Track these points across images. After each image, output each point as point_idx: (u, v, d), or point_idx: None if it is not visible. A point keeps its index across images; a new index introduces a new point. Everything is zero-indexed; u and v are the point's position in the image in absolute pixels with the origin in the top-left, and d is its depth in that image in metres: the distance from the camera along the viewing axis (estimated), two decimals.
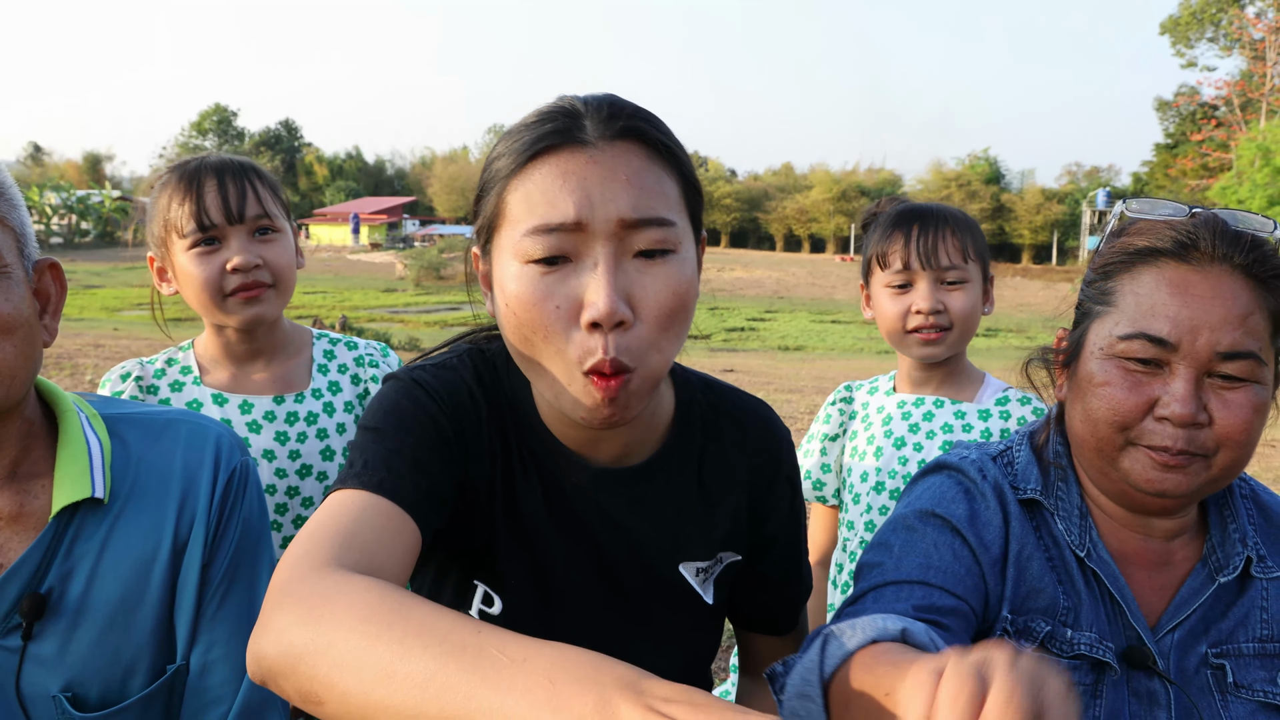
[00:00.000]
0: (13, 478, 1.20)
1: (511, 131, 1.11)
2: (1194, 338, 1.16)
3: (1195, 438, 1.16)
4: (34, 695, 1.16)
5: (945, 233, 2.04)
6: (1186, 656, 1.24)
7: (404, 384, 1.18)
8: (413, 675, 0.73)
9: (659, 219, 1.05)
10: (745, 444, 1.31)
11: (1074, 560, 1.27)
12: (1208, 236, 1.19)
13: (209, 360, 1.97)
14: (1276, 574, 1.28)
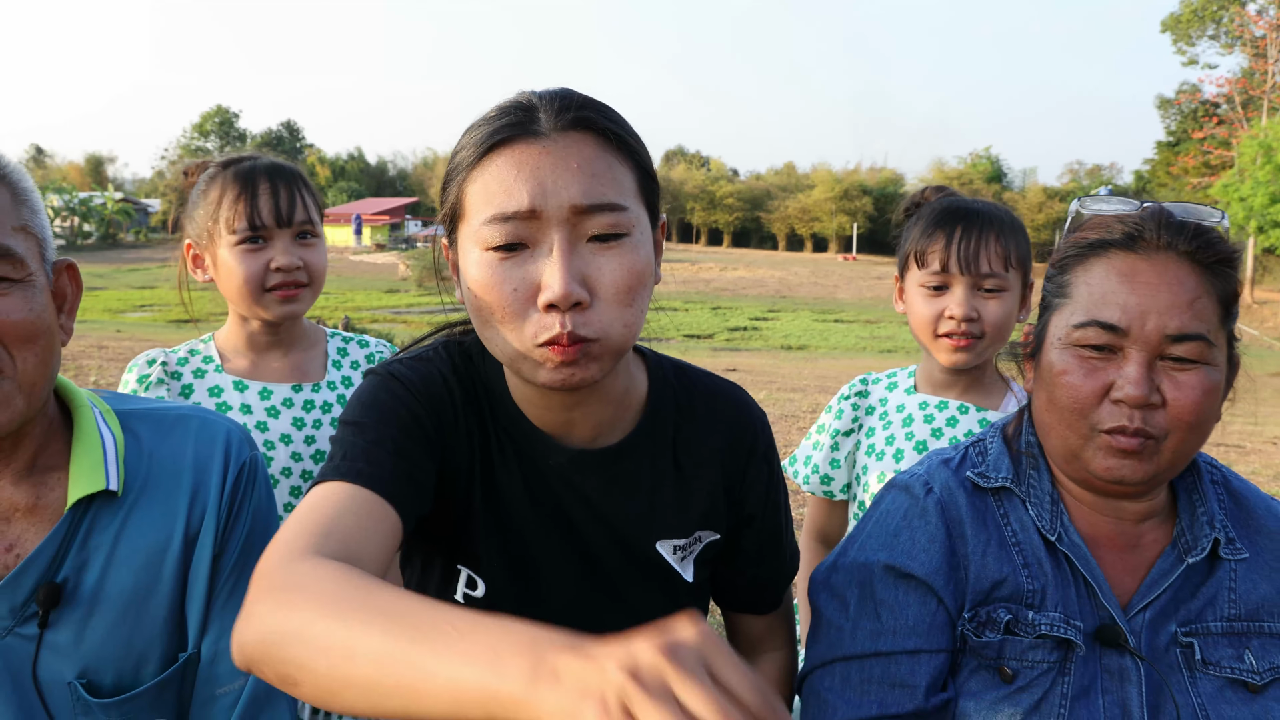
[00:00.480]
0: (30, 471, 1.22)
1: (472, 126, 1.17)
2: (1143, 322, 1.22)
3: (1150, 418, 1.21)
4: (50, 682, 1.18)
5: (989, 237, 1.97)
6: (1157, 635, 1.29)
7: (381, 378, 1.22)
8: (372, 652, 0.79)
9: (610, 204, 1.10)
10: (719, 423, 1.35)
11: (1042, 544, 1.32)
12: (1153, 226, 1.26)
13: (230, 350, 2.07)
14: (1244, 555, 1.33)
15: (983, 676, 1.29)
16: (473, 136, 1.15)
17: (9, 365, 1.12)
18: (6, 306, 1.12)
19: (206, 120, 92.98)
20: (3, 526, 1.20)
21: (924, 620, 1.30)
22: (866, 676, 1.30)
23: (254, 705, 1.27)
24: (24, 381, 1.14)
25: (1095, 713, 1.26)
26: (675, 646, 0.68)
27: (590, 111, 1.14)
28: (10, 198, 1.17)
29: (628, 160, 1.16)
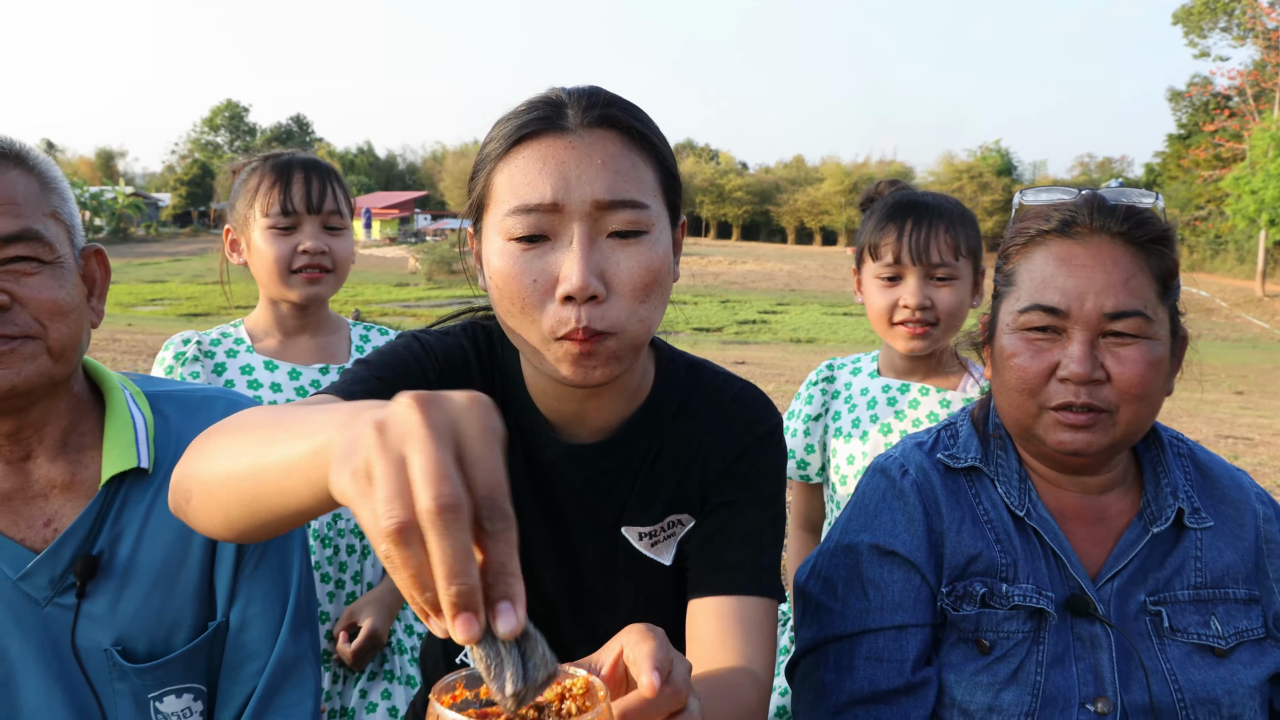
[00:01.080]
0: (64, 449, 1.30)
1: (501, 119, 1.20)
2: (1082, 303, 1.30)
3: (1096, 393, 1.29)
4: (88, 649, 1.26)
5: (938, 229, 2.06)
6: (1126, 603, 1.36)
7: (406, 338, 1.30)
8: (251, 444, 0.86)
9: (631, 201, 1.13)
10: (717, 424, 1.33)
11: (1012, 520, 1.40)
12: (1086, 212, 1.34)
13: (260, 331, 2.22)
14: (1210, 524, 1.40)
15: (962, 650, 1.37)
16: (501, 129, 1.18)
17: (39, 330, 1.21)
18: (37, 285, 1.21)
19: (216, 115, 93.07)
20: (41, 502, 1.28)
21: (909, 596, 1.37)
22: (856, 654, 1.37)
23: (280, 670, 1.34)
24: (53, 345, 1.22)
25: (1069, 679, 1.33)
26: (432, 406, 0.68)
27: (617, 109, 1.17)
28: (39, 186, 1.25)
29: (651, 159, 1.18)
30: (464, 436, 0.67)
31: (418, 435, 0.65)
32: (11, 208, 1.20)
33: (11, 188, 1.21)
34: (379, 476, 0.65)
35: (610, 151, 1.14)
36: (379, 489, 0.64)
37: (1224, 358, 20.02)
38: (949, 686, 1.36)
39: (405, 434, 0.66)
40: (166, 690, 1.29)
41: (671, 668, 0.83)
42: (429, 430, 0.65)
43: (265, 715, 1.32)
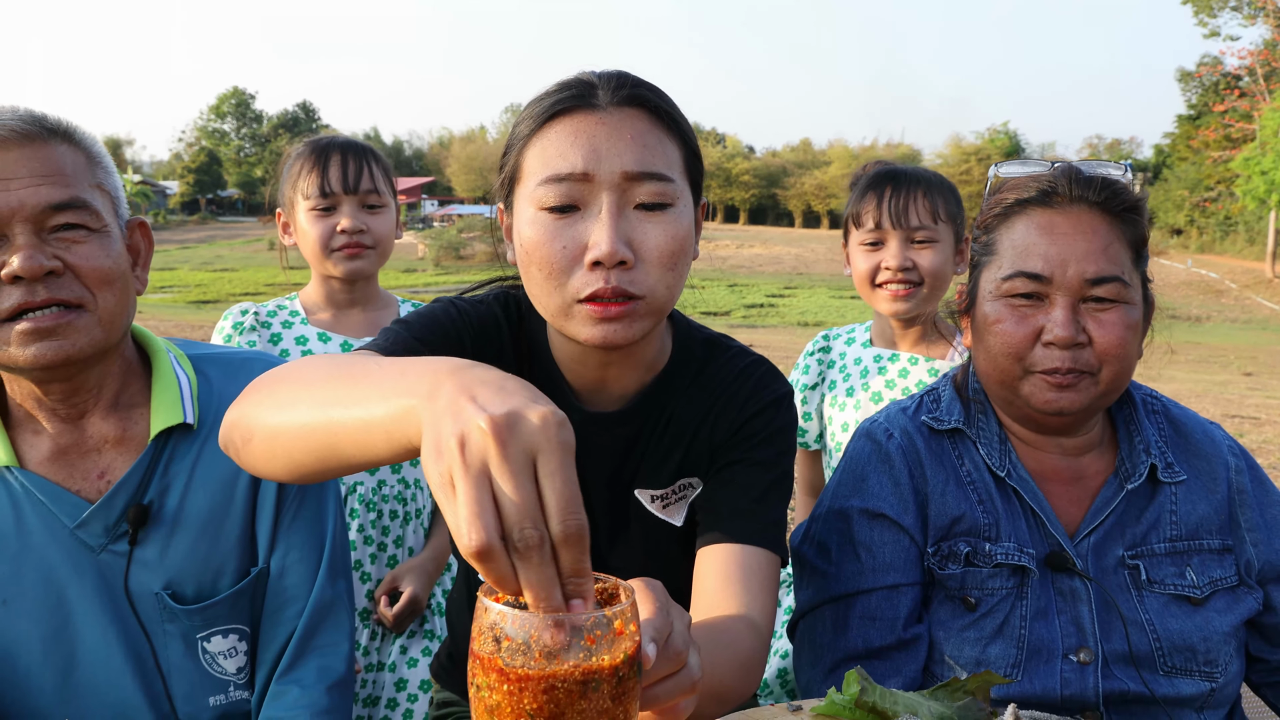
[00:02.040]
0: (115, 407, 1.39)
1: (534, 99, 1.27)
2: (1064, 269, 1.36)
3: (1079, 356, 1.36)
4: (140, 593, 1.36)
5: (916, 194, 2.16)
6: (1103, 558, 1.43)
7: (444, 303, 1.37)
8: (323, 398, 0.91)
9: (658, 174, 1.20)
10: (725, 394, 1.39)
11: (993, 481, 1.46)
12: (1065, 183, 1.40)
13: (313, 305, 2.33)
14: (1183, 478, 1.46)
15: (949, 607, 1.44)
16: (533, 108, 1.25)
17: (90, 302, 1.30)
18: (86, 253, 1.30)
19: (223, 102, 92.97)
20: (94, 456, 1.37)
21: (899, 557, 1.44)
22: (851, 614, 1.44)
23: (318, 613, 1.44)
24: (103, 316, 1.31)
25: (1052, 631, 1.39)
26: (509, 433, 0.71)
27: (644, 90, 1.24)
28: (86, 159, 1.34)
29: (676, 138, 1.25)
30: (540, 463, 0.72)
31: (497, 466, 0.70)
32: (60, 178, 1.28)
33: (60, 160, 1.29)
34: (461, 496, 0.70)
35: (638, 128, 1.21)
36: (460, 508, 0.70)
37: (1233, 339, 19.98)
38: (938, 642, 1.43)
39: (484, 458, 0.71)
40: (213, 631, 1.39)
41: (671, 629, 0.88)
42: (507, 463, 0.70)
43: (304, 654, 1.42)
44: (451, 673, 1.69)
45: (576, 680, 0.72)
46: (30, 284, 1.25)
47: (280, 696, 1.39)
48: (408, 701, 2.21)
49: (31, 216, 1.26)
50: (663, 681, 0.86)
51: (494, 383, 0.77)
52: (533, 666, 0.72)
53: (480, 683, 0.74)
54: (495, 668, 0.73)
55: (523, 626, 0.72)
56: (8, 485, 1.34)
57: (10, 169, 1.25)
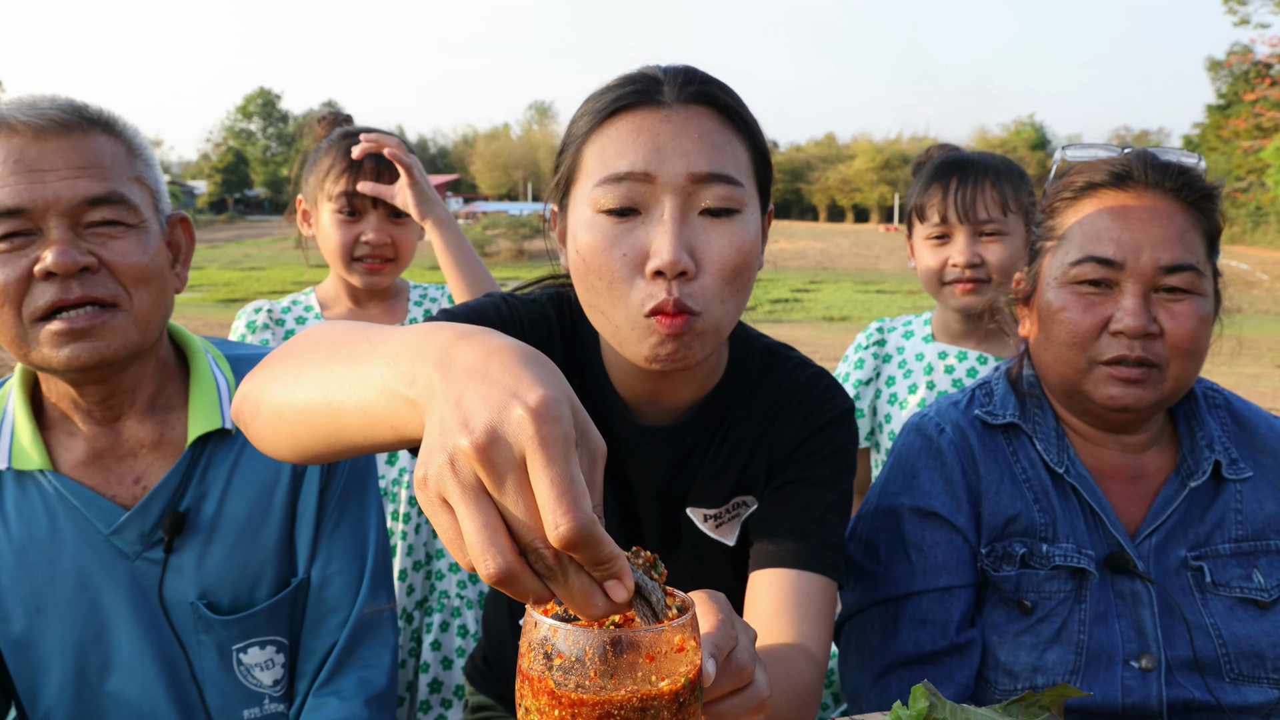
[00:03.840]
0: (152, 410, 1.37)
1: (593, 94, 1.19)
2: (1137, 256, 1.30)
3: (1150, 347, 1.29)
4: (174, 601, 1.33)
5: (984, 185, 2.05)
6: (1165, 559, 1.37)
7: (495, 299, 1.30)
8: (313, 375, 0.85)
9: (726, 176, 1.11)
10: (783, 410, 1.32)
11: (1050, 478, 1.40)
12: (1140, 167, 1.34)
13: (329, 300, 2.31)
14: (1248, 475, 1.40)
15: (1004, 610, 1.38)
16: (593, 105, 1.17)
17: (125, 300, 1.27)
18: (122, 249, 1.26)
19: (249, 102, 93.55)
20: (130, 461, 1.35)
21: (951, 557, 1.39)
22: (901, 617, 1.39)
23: (360, 626, 1.40)
24: (139, 316, 1.28)
25: (1113, 636, 1.34)
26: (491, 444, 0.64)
27: (713, 87, 1.15)
28: (126, 151, 1.30)
29: (745, 138, 1.17)
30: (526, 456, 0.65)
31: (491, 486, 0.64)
32: (98, 171, 1.25)
33: (99, 151, 1.26)
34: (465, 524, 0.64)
35: (706, 127, 1.12)
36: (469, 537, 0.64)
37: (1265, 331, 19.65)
38: (992, 648, 1.37)
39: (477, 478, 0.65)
40: (250, 642, 1.36)
41: (735, 644, 0.82)
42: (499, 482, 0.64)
43: (345, 667, 1.39)
44: (488, 676, 1.65)
45: (634, 707, 0.67)
46: (64, 280, 1.22)
47: (319, 709, 1.37)
48: (441, 707, 2.18)
49: (67, 210, 1.23)
50: (728, 698, 0.81)
51: (479, 370, 0.68)
52: (587, 690, 0.66)
53: (529, 705, 0.69)
54: (546, 690, 0.67)
55: (576, 642, 0.67)
56: (42, 489, 1.32)
57: (47, 160, 1.22)
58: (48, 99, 1.28)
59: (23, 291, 1.22)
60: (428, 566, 2.24)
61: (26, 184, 1.21)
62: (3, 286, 1.21)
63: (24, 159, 1.21)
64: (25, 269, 1.21)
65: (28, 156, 1.21)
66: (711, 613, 0.81)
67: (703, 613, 0.82)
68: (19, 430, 1.32)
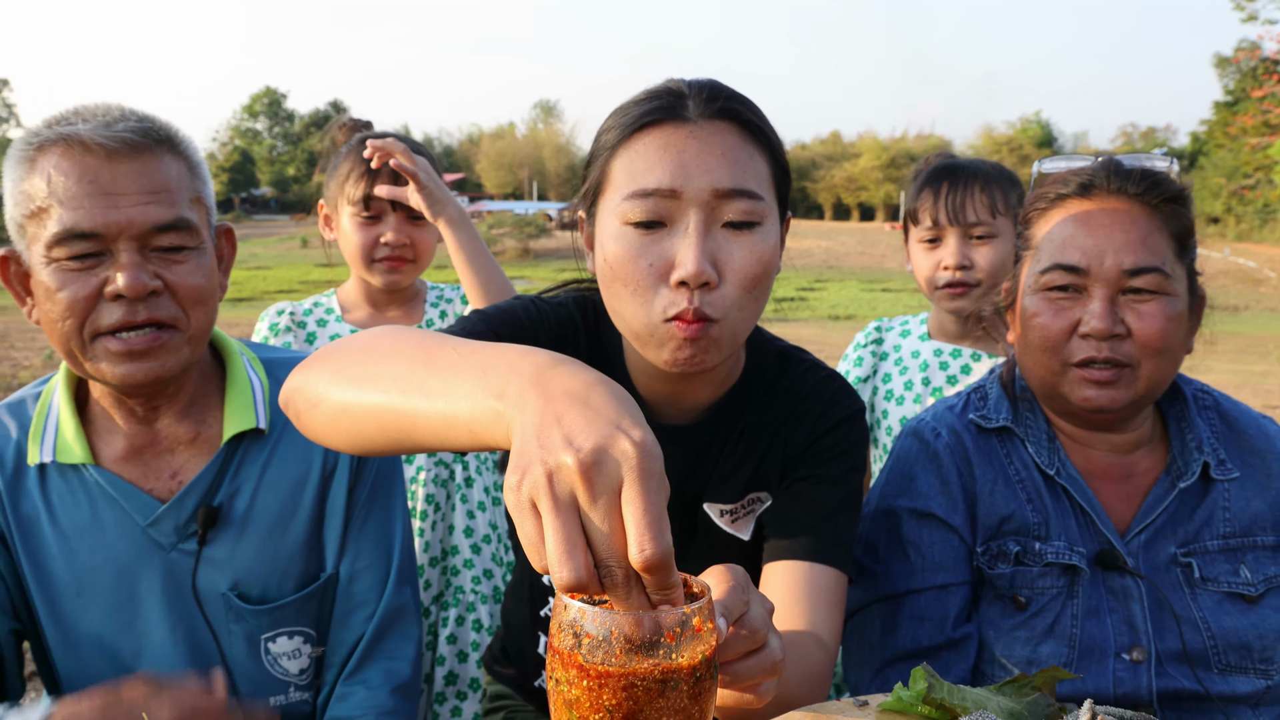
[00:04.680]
0: (190, 408, 1.43)
1: (621, 108, 1.24)
2: (1101, 261, 1.36)
3: (1118, 348, 1.35)
4: (207, 592, 1.39)
5: (974, 189, 2.12)
6: (1155, 556, 1.42)
7: (525, 300, 1.36)
8: (391, 377, 0.91)
9: (748, 191, 1.17)
10: (797, 410, 1.37)
11: (1042, 479, 1.46)
12: (1103, 175, 1.40)
13: (350, 302, 2.35)
14: (1236, 475, 1.45)
15: (999, 606, 1.44)
16: (620, 118, 1.22)
17: (184, 322, 1.33)
18: (185, 272, 1.32)
19: (255, 101, 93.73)
20: (168, 457, 1.41)
21: (948, 556, 1.44)
22: (900, 614, 1.44)
23: (386, 619, 1.46)
24: (194, 335, 1.34)
25: (1104, 630, 1.39)
26: (595, 465, 0.71)
27: (736, 103, 1.20)
28: (187, 170, 1.35)
29: (766, 153, 1.22)
30: (624, 482, 0.72)
31: (585, 503, 0.72)
32: (167, 195, 1.30)
33: (166, 175, 1.31)
34: (550, 532, 0.71)
35: (729, 143, 1.17)
36: (551, 545, 0.71)
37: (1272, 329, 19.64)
38: (988, 643, 1.43)
39: (573, 493, 0.72)
40: (279, 632, 1.42)
41: (748, 609, 0.87)
42: (595, 501, 0.71)
43: (371, 659, 1.45)
44: (505, 666, 1.71)
45: (656, 679, 0.74)
46: (131, 303, 1.27)
47: (346, 697, 1.43)
48: (456, 699, 2.24)
49: (138, 235, 1.28)
50: (743, 660, 0.87)
51: (580, 396, 0.76)
52: (613, 663, 0.73)
53: (559, 677, 0.76)
54: (575, 663, 0.74)
55: (603, 624, 0.74)
56: (84, 481, 1.38)
57: (120, 184, 1.26)
58: (116, 111, 1.32)
59: (89, 309, 1.27)
60: (444, 563, 2.29)
61: (101, 208, 1.25)
62: (70, 303, 1.26)
63: (98, 181, 1.25)
64: (95, 288, 1.27)
65: (102, 179, 1.25)
66: (724, 580, 0.87)
67: (716, 580, 0.88)
68: (63, 426, 1.38)
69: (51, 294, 1.27)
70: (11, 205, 1.29)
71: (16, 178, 1.28)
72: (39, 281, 1.28)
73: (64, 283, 1.26)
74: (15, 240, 1.32)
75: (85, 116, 1.30)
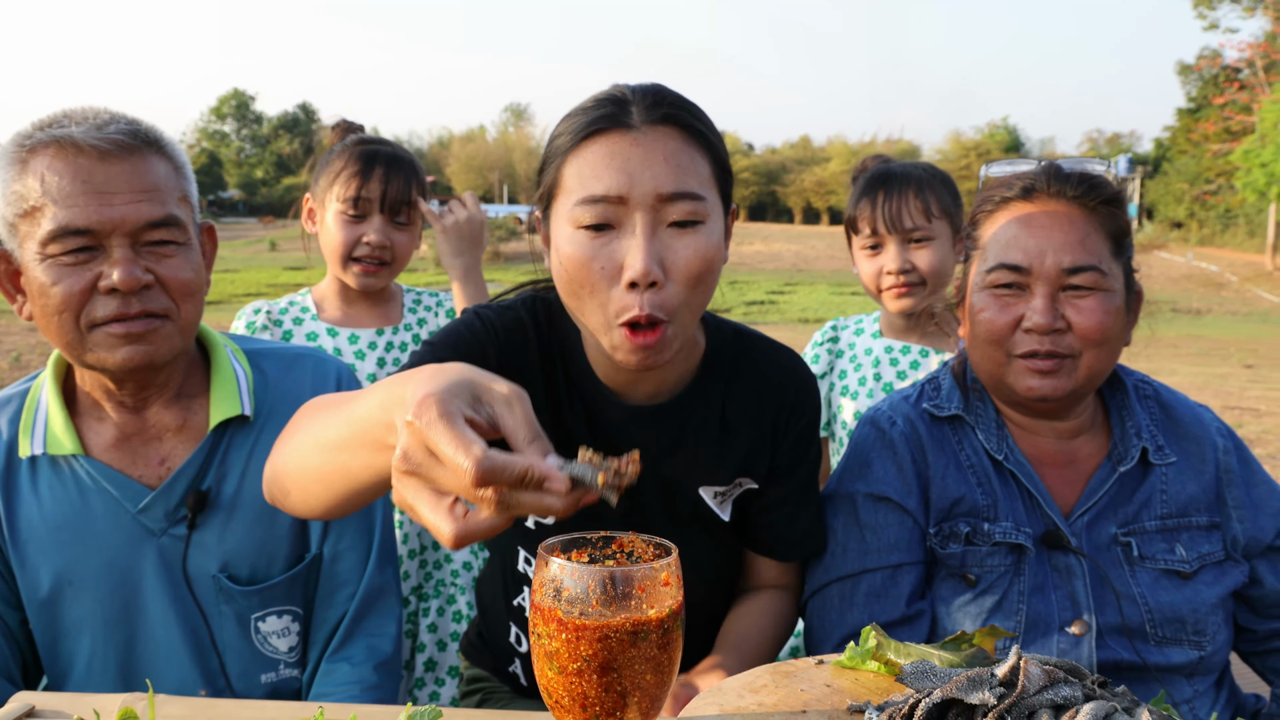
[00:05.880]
0: (177, 398, 1.49)
1: (571, 113, 1.31)
2: (1042, 260, 1.45)
3: (1059, 341, 1.44)
4: (197, 574, 1.45)
5: (908, 196, 2.23)
6: (1097, 536, 1.51)
7: (468, 316, 1.43)
8: (323, 434, 1.03)
9: (690, 193, 1.24)
10: (767, 383, 1.48)
11: (991, 464, 1.55)
12: (1044, 179, 1.49)
13: (324, 300, 2.40)
14: (1173, 460, 1.54)
15: (951, 584, 1.52)
16: (570, 124, 1.30)
17: (174, 312, 1.39)
18: (175, 266, 1.38)
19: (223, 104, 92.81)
20: (156, 444, 1.47)
21: (902, 537, 1.53)
22: (857, 592, 1.52)
23: (368, 598, 1.53)
24: (183, 325, 1.41)
25: (1049, 605, 1.48)
26: (404, 459, 0.84)
27: (678, 109, 1.27)
28: (174, 170, 1.42)
29: (707, 153, 1.29)
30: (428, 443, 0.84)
31: (418, 470, 0.85)
32: (157, 194, 1.36)
33: (156, 174, 1.37)
34: (422, 521, 0.85)
35: (671, 148, 1.25)
36: (428, 527, 0.85)
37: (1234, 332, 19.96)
38: (941, 618, 1.51)
39: (415, 488, 0.86)
40: (268, 611, 1.48)
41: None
42: (421, 478, 0.85)
43: (354, 635, 1.52)
44: (481, 650, 1.77)
45: (628, 630, 0.82)
46: (125, 296, 1.33)
47: (331, 673, 1.49)
48: (435, 684, 2.31)
49: (131, 231, 1.33)
50: None
51: (399, 405, 0.88)
52: (590, 617, 0.81)
53: (541, 631, 0.84)
54: (555, 618, 0.83)
55: (580, 579, 0.82)
56: (75, 472, 1.43)
57: (113, 183, 1.33)
58: (105, 115, 1.38)
59: (84, 302, 1.33)
60: (422, 556, 2.36)
61: (95, 206, 1.31)
62: (66, 296, 1.32)
63: (92, 180, 1.31)
64: (89, 282, 1.33)
65: (95, 178, 1.31)
66: None
67: None
68: (52, 418, 1.43)
69: (46, 289, 1.32)
70: (3, 205, 1.34)
71: (8, 179, 1.33)
72: (32, 278, 1.33)
73: (59, 277, 1.31)
74: (6, 239, 1.37)
75: (76, 119, 1.35)
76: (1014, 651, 0.93)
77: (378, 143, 2.34)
